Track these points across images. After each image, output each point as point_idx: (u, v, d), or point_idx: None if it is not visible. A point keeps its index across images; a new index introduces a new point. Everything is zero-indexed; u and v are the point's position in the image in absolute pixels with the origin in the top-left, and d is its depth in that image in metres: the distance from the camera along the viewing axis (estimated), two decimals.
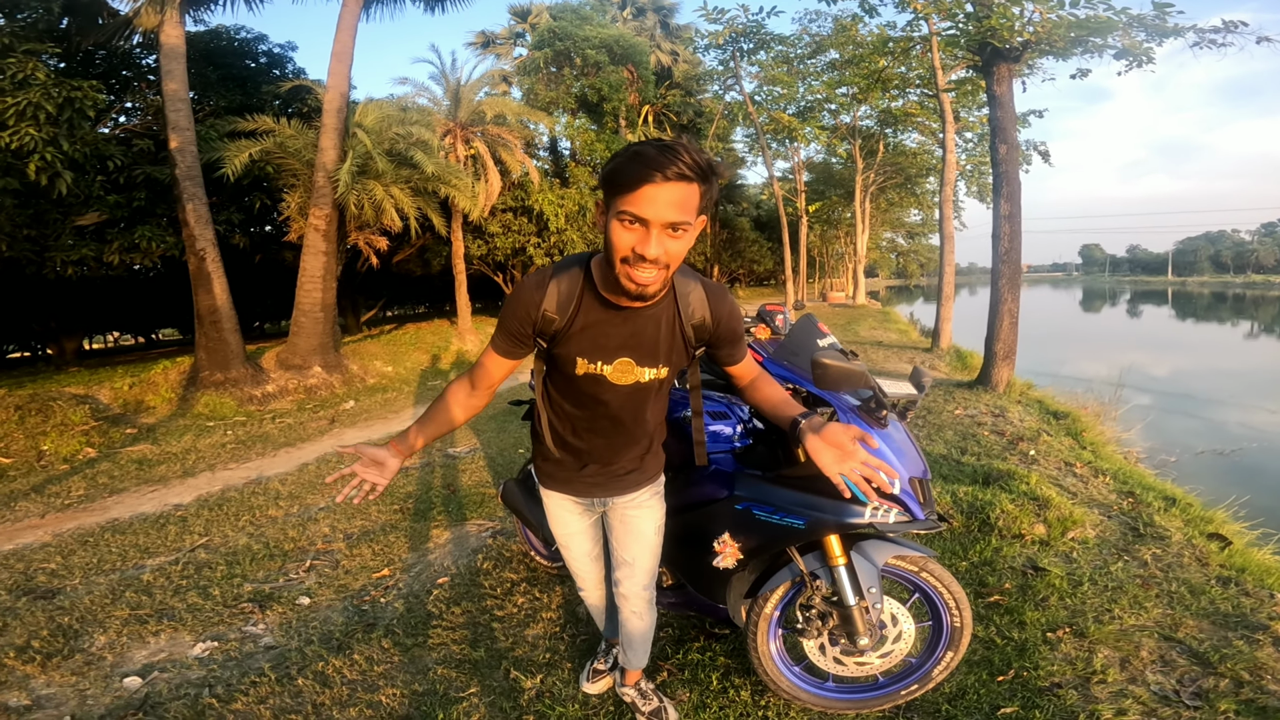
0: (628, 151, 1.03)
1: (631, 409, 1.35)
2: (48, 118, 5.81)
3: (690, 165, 0.99)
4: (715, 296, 1.29)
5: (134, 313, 15.76)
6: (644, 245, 1.03)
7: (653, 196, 0.99)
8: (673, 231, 1.04)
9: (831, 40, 14.71)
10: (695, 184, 1.02)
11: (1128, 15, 6.17)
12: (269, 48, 12.29)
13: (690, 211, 1.03)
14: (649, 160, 0.98)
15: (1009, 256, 6.62)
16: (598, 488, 1.48)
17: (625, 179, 1.01)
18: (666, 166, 0.98)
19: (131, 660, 2.25)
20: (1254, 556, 2.77)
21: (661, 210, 1.00)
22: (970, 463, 3.91)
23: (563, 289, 1.19)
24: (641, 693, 1.78)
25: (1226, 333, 25.36)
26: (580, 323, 1.21)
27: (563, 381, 1.32)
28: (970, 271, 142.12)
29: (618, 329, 1.21)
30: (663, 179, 0.98)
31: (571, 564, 1.65)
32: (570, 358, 1.24)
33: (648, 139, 1.07)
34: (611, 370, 1.25)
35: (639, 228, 1.03)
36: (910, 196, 26.55)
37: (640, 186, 0.99)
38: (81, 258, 8.05)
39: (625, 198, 1.01)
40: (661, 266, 1.06)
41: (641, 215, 1.01)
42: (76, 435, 5.78)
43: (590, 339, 1.21)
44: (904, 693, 1.72)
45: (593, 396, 1.31)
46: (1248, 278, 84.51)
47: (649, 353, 1.25)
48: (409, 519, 3.59)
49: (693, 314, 1.25)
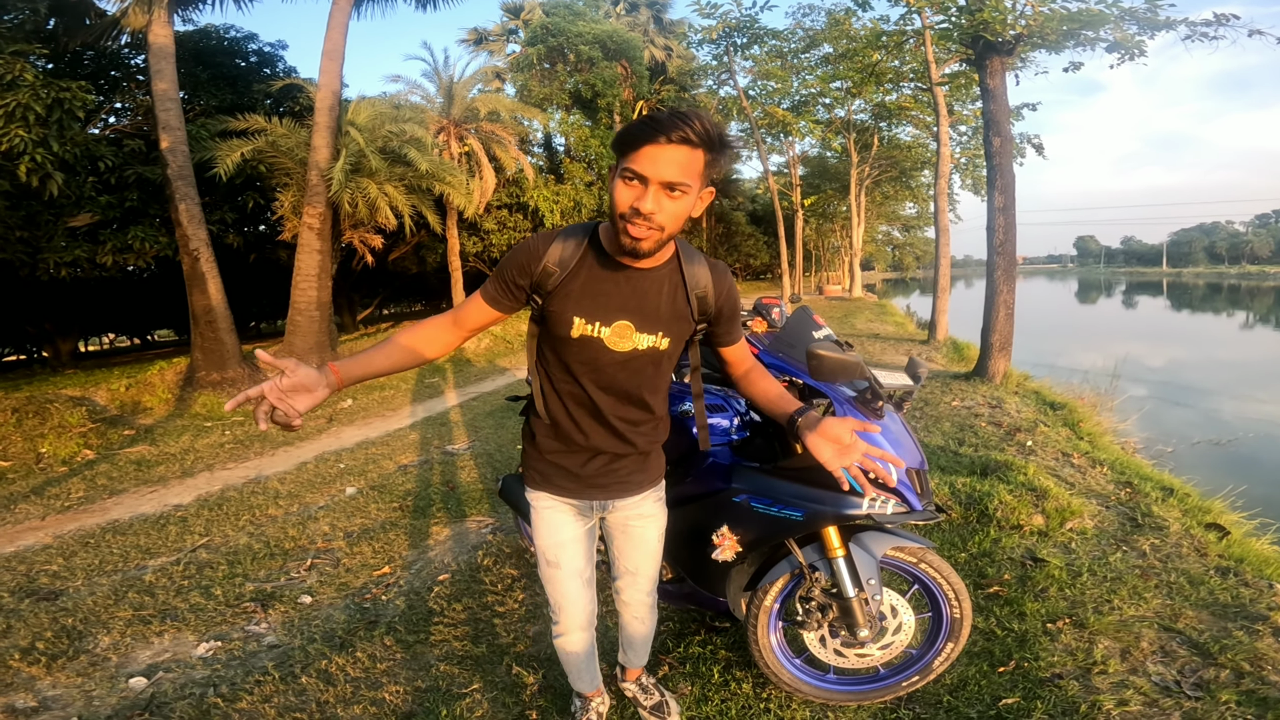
0: (642, 117, 1.06)
1: (630, 381, 1.27)
2: (37, 119, 5.76)
3: (696, 131, 1.01)
4: (718, 272, 1.31)
5: (129, 314, 15.68)
6: (641, 201, 1.05)
7: (654, 155, 1.02)
8: (670, 191, 1.05)
9: (825, 34, 14.67)
10: (699, 150, 1.03)
11: (1119, 8, 6.19)
12: (259, 47, 12.22)
13: (691, 175, 1.04)
14: (657, 123, 1.01)
15: (1004, 248, 6.64)
16: (600, 489, 1.36)
17: (632, 138, 1.04)
18: (672, 130, 1.01)
19: (136, 661, 2.25)
20: (1252, 546, 2.79)
21: (661, 169, 1.03)
22: (968, 454, 3.92)
23: (568, 245, 1.20)
24: (643, 687, 1.78)
25: (1222, 323, 25.48)
26: (581, 278, 1.20)
27: (558, 348, 1.26)
28: (966, 264, 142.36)
29: (618, 288, 1.20)
30: (666, 140, 1.01)
31: (558, 588, 1.41)
32: (566, 316, 1.20)
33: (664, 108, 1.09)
34: (610, 333, 1.21)
35: (638, 185, 1.05)
36: (905, 190, 26.53)
37: (643, 146, 1.02)
38: (75, 259, 8.01)
39: (629, 156, 1.04)
40: (657, 226, 1.07)
41: (641, 172, 1.03)
42: (74, 437, 5.76)
43: (589, 297, 1.19)
44: (905, 684, 1.73)
45: (590, 364, 1.24)
46: (1242, 268, 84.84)
47: (649, 317, 1.22)
48: (409, 516, 3.59)
49: (697, 283, 1.25)
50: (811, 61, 16.56)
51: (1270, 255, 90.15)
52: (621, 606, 1.58)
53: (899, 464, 1.47)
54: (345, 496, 4.03)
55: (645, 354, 1.25)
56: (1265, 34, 6.71)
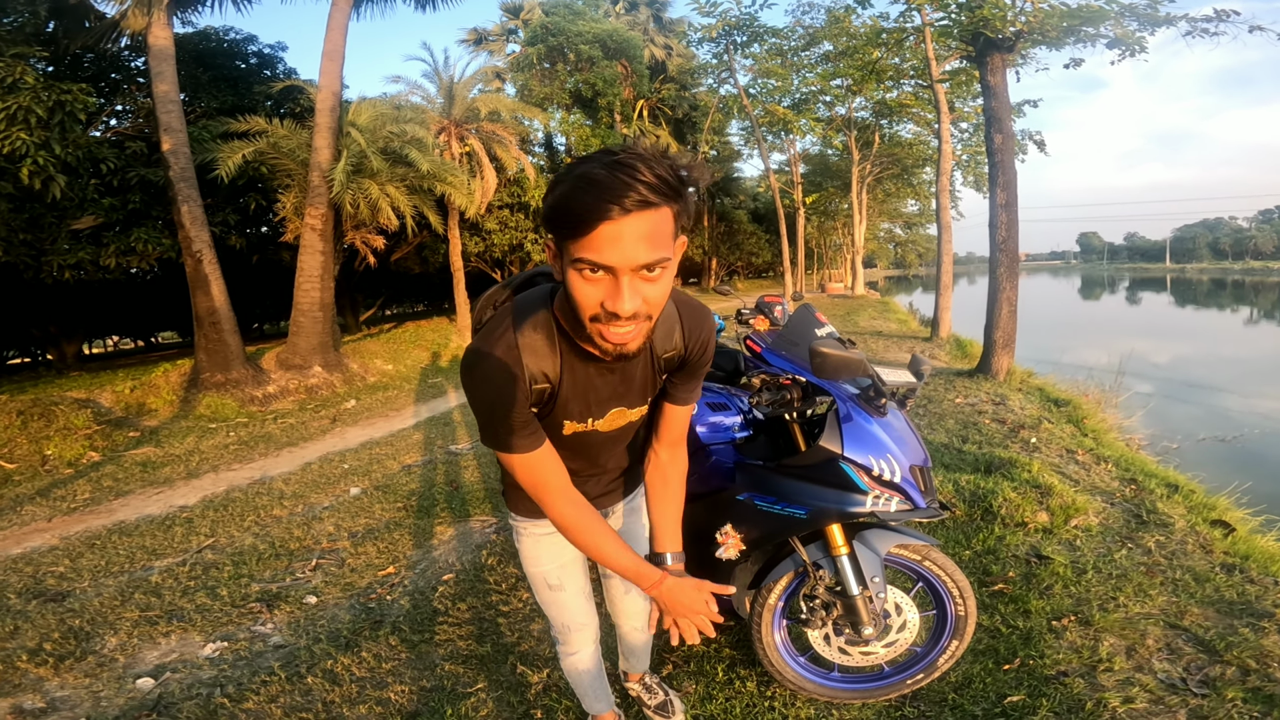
0: (571, 174, 0.79)
1: (620, 442, 1.22)
2: (38, 121, 5.77)
3: (654, 185, 0.76)
4: (696, 317, 1.09)
5: (133, 316, 15.73)
6: (615, 300, 0.81)
7: (615, 236, 0.76)
8: (648, 274, 0.81)
9: (825, 32, 14.63)
10: (664, 206, 0.79)
11: (1119, 4, 6.18)
12: (259, 48, 12.23)
13: (664, 243, 0.80)
14: (602, 188, 0.75)
15: (1006, 245, 6.62)
16: (598, 499, 1.31)
17: (575, 217, 0.77)
18: (624, 194, 0.75)
19: (143, 661, 2.26)
20: (1258, 543, 2.77)
21: (629, 251, 0.78)
22: (972, 451, 3.91)
23: (539, 348, 0.98)
24: (647, 686, 1.78)
25: (1226, 319, 25.37)
26: (567, 383, 1.02)
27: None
28: (968, 261, 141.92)
29: (606, 381, 1.05)
30: (622, 212, 0.75)
31: (565, 610, 1.36)
32: (557, 422, 1.07)
33: (594, 152, 0.82)
34: (603, 422, 1.11)
35: (604, 277, 0.81)
36: (907, 187, 26.45)
37: (597, 225, 0.76)
38: (78, 261, 8.03)
39: (580, 242, 0.78)
40: (642, 319, 0.84)
41: (603, 262, 0.78)
42: (80, 439, 5.79)
43: (578, 400, 1.05)
44: (910, 682, 1.73)
45: (579, 446, 1.15)
46: (1246, 264, 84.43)
47: (639, 394, 1.12)
48: (412, 516, 3.60)
49: (665, 346, 1.08)
50: (812, 59, 16.52)
51: (1274, 250, 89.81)
52: (621, 618, 1.56)
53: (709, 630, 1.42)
54: (350, 497, 4.05)
55: (635, 423, 1.18)
56: (1266, 29, 6.70)
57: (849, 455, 1.52)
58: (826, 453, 1.54)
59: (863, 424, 1.54)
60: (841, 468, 1.53)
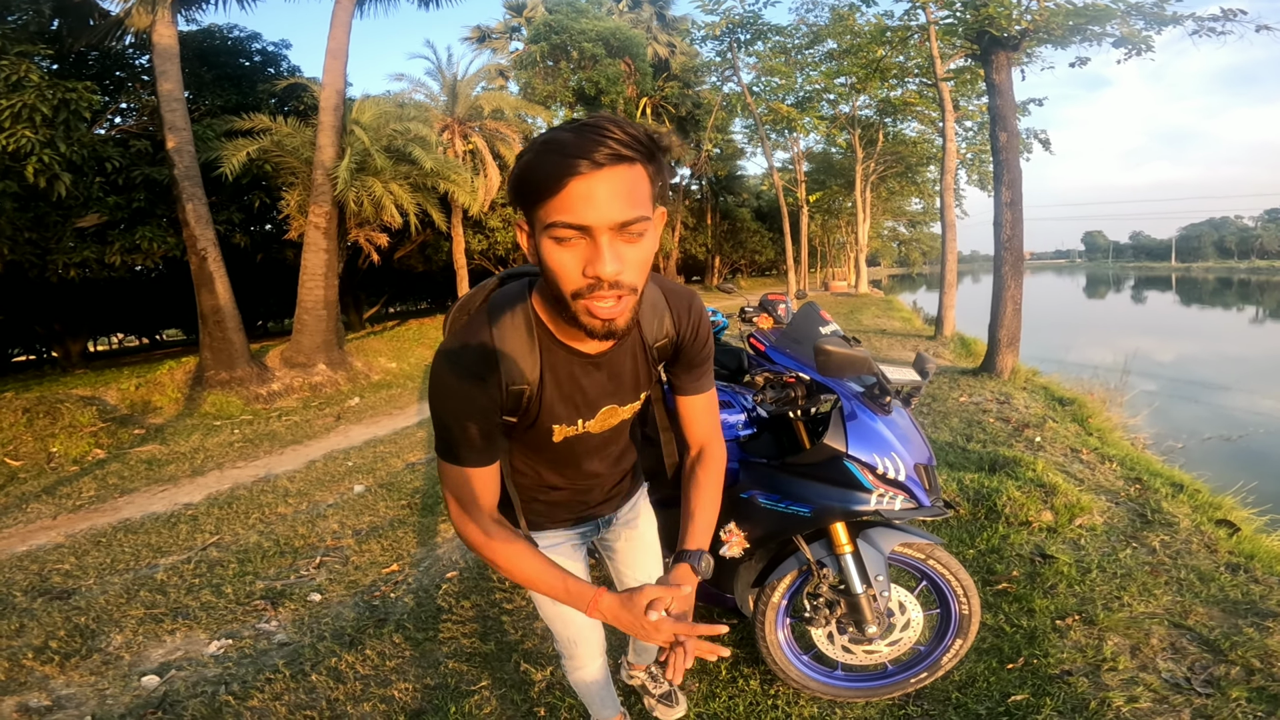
0: (536, 144, 0.74)
1: (614, 441, 1.17)
2: (43, 120, 5.79)
3: (624, 140, 0.71)
4: (680, 301, 1.02)
5: (137, 314, 15.79)
6: (596, 263, 0.74)
7: (586, 193, 0.71)
8: (627, 233, 0.74)
9: (829, 30, 14.56)
10: (638, 164, 0.74)
11: (1126, 3, 6.15)
12: (263, 46, 12.24)
13: (643, 201, 0.75)
14: (567, 146, 0.70)
15: (1011, 244, 6.59)
16: (601, 505, 1.26)
17: (542, 179, 0.72)
18: (594, 149, 0.70)
19: (149, 659, 2.27)
20: (1263, 543, 2.76)
21: (603, 208, 0.72)
22: (976, 450, 3.90)
23: (517, 345, 0.90)
24: (652, 676, 1.79)
25: (1232, 318, 25.24)
26: (549, 383, 0.93)
27: (535, 448, 1.07)
28: (973, 259, 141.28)
29: (593, 379, 0.96)
30: (592, 166, 0.70)
31: (570, 625, 1.29)
32: (544, 426, 0.98)
33: (562, 123, 0.77)
34: (595, 423, 1.03)
35: (580, 240, 0.74)
36: (911, 185, 26.39)
37: (566, 183, 0.71)
38: (83, 260, 8.06)
39: (549, 205, 0.73)
40: (627, 289, 0.77)
41: (579, 222, 0.72)
42: (85, 437, 5.82)
43: (564, 401, 0.96)
44: (913, 680, 1.73)
45: (572, 455, 1.09)
46: (1252, 263, 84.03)
47: (628, 390, 1.03)
48: (416, 514, 3.61)
49: (655, 334, 1.01)
50: (815, 57, 16.45)
51: None
52: None
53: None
54: (354, 494, 4.06)
55: (628, 420, 1.11)
56: (1273, 29, 6.65)
57: (853, 453, 1.52)
58: (831, 451, 1.54)
59: (867, 422, 1.54)
60: (846, 466, 1.53)
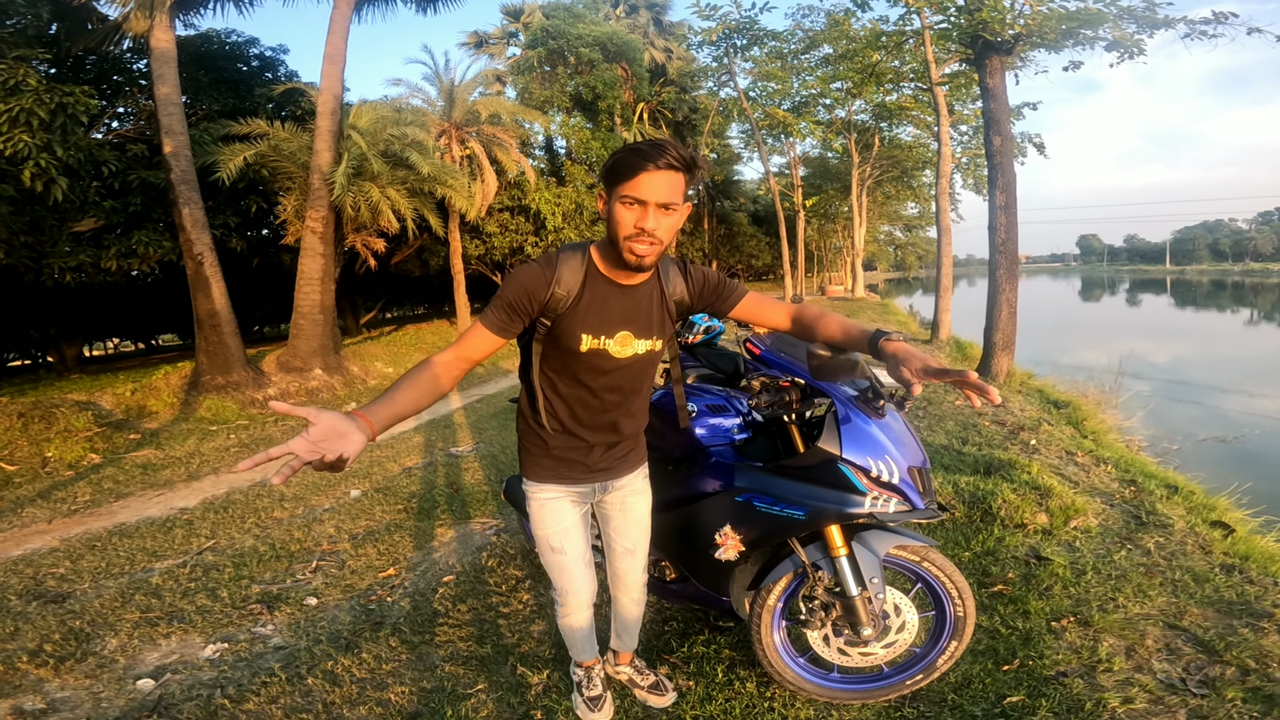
0: (626, 149, 1.23)
1: (630, 381, 1.44)
2: (40, 124, 5.77)
3: (677, 157, 1.20)
4: (685, 268, 1.45)
5: (133, 318, 15.76)
6: (643, 221, 1.21)
7: (649, 181, 1.19)
8: (665, 210, 1.22)
9: (824, 35, 14.68)
10: (680, 172, 1.22)
11: (1117, 7, 6.20)
12: (261, 51, 12.26)
13: (678, 194, 1.23)
14: (644, 154, 1.20)
15: (1005, 247, 6.64)
16: (603, 472, 1.52)
17: (625, 169, 1.21)
18: (658, 158, 1.19)
19: (144, 662, 2.26)
20: (1258, 544, 2.78)
21: (656, 192, 1.20)
22: (971, 453, 3.92)
23: (570, 270, 1.32)
24: (637, 668, 1.86)
25: (1226, 320, 25.37)
26: (586, 299, 1.33)
27: (564, 361, 1.38)
28: (968, 263, 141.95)
29: (618, 303, 1.35)
30: (655, 168, 1.19)
31: (565, 573, 1.55)
32: (575, 334, 1.33)
33: (642, 139, 1.18)
34: (614, 343, 1.36)
35: (638, 208, 1.22)
36: (907, 189, 26.50)
37: (638, 174, 1.19)
38: (79, 264, 8.04)
39: (626, 184, 1.21)
40: (657, 241, 1.23)
41: (640, 197, 1.20)
42: (80, 441, 5.79)
43: (595, 314, 1.33)
44: (909, 682, 1.73)
45: (595, 371, 1.38)
46: (1246, 266, 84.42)
47: (644, 325, 1.38)
48: (413, 518, 3.60)
49: (674, 289, 1.42)
50: (811, 62, 16.57)
51: (1273, 252, 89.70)
52: (621, 590, 1.68)
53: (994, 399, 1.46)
54: (350, 499, 4.05)
55: (644, 357, 1.41)
56: (1264, 31, 6.71)
57: (847, 456, 1.53)
58: (825, 454, 1.55)
59: (861, 425, 1.55)
60: (840, 469, 1.54)
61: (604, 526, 1.65)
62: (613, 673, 1.89)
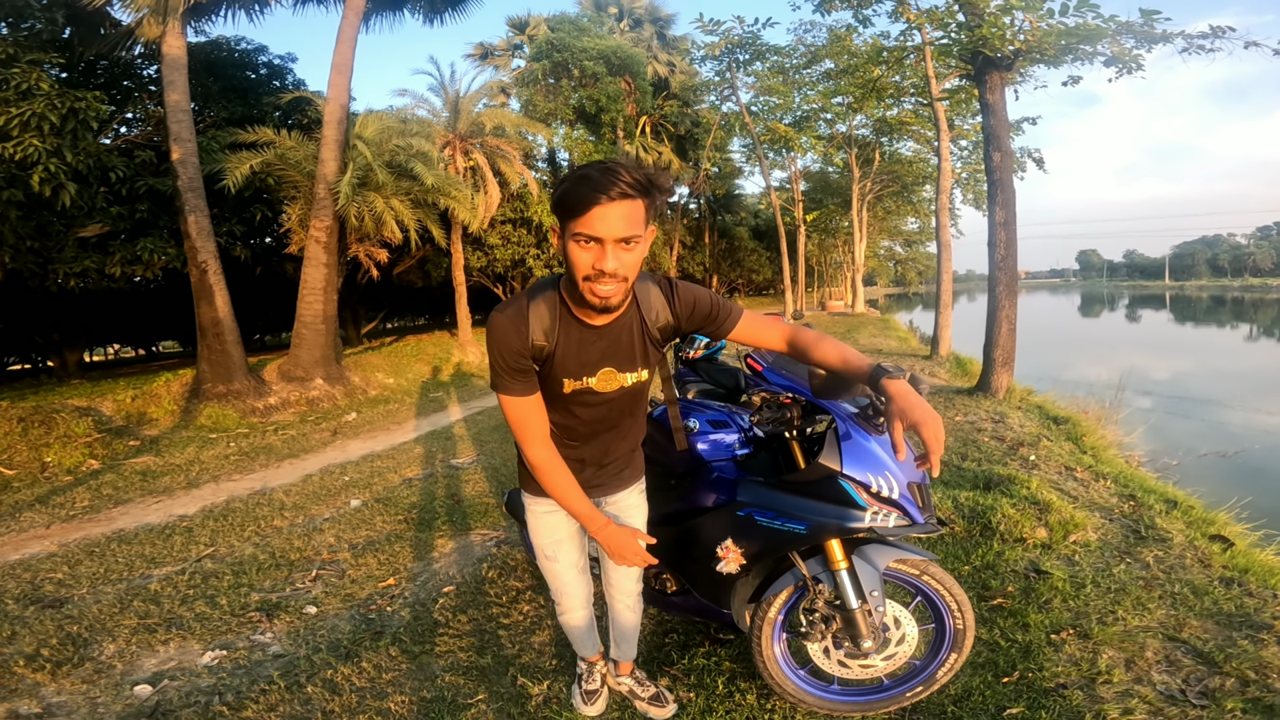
0: (573, 176, 1.10)
1: (619, 409, 1.44)
2: (51, 129, 5.83)
3: (631, 183, 1.07)
4: (669, 291, 1.35)
5: (135, 325, 15.78)
6: (601, 261, 1.10)
7: (602, 216, 1.07)
8: (625, 245, 1.11)
9: (826, 50, 14.86)
10: (639, 199, 1.09)
11: (1116, 23, 6.24)
12: (269, 59, 12.40)
13: (638, 225, 1.11)
14: (594, 183, 1.06)
15: (1005, 263, 6.67)
16: (596, 488, 1.53)
17: (575, 202, 1.08)
18: (610, 187, 1.05)
19: (141, 669, 2.26)
20: (1257, 557, 2.78)
21: (613, 227, 1.08)
22: (971, 468, 3.92)
23: (543, 315, 1.25)
24: (638, 680, 1.87)
25: (1226, 336, 25.42)
26: (562, 345, 1.28)
27: (551, 399, 1.37)
28: (968, 279, 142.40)
29: (595, 345, 1.29)
30: (608, 199, 1.06)
31: (558, 578, 1.63)
32: (557, 378, 1.31)
33: (590, 163, 1.14)
34: (596, 381, 1.34)
35: (594, 246, 1.10)
36: (907, 204, 26.68)
37: (590, 209, 1.06)
38: (84, 270, 8.08)
39: (578, 220, 1.09)
40: (620, 279, 1.13)
41: (595, 234, 1.08)
42: (80, 447, 5.80)
43: (574, 358, 1.29)
44: (909, 694, 1.73)
45: (583, 405, 1.39)
46: (1245, 281, 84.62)
47: (627, 359, 1.34)
48: (413, 529, 3.60)
49: (656, 317, 1.34)
50: (813, 77, 16.74)
51: (1272, 267, 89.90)
52: (616, 597, 1.72)
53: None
54: (350, 509, 4.05)
55: (630, 389, 1.40)
56: (1261, 45, 6.73)
57: (848, 472, 1.54)
58: (826, 470, 1.56)
59: (861, 442, 1.57)
60: (841, 484, 1.55)
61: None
62: (613, 684, 1.89)
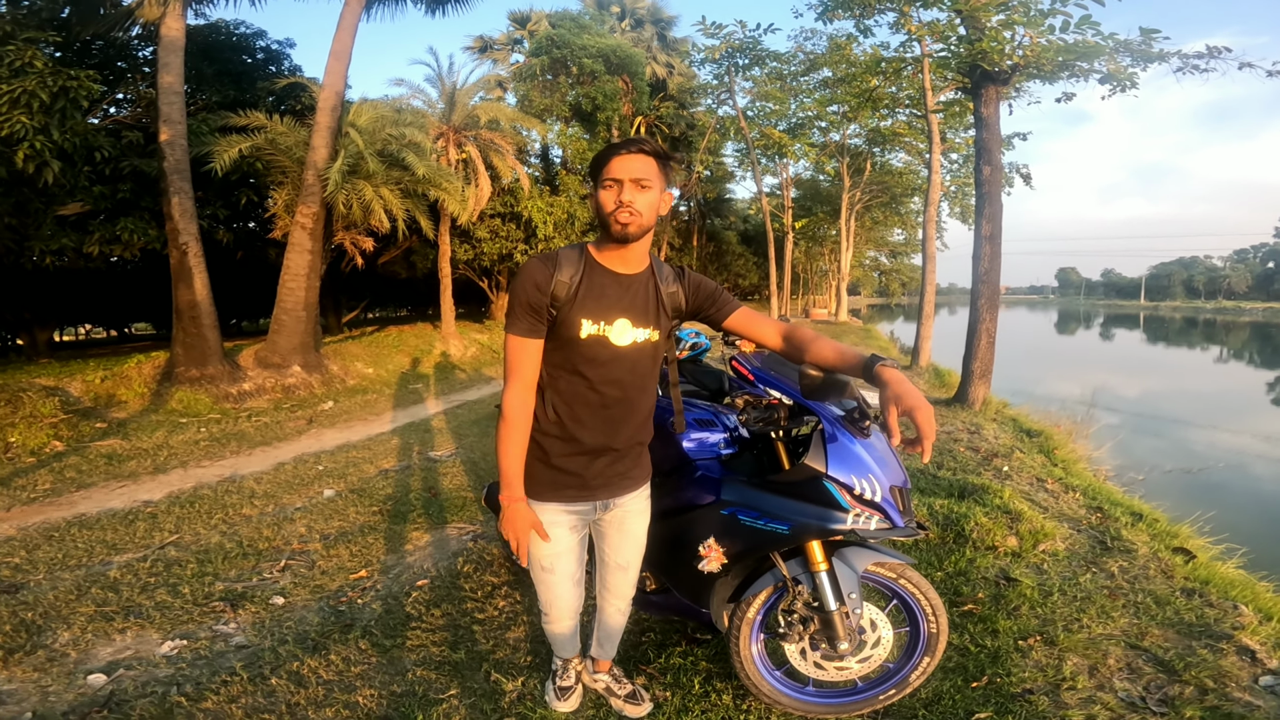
0: (606, 146, 1.42)
1: (629, 374, 1.47)
2: (41, 106, 5.66)
3: (646, 145, 1.37)
4: (679, 272, 1.56)
5: (109, 305, 15.36)
6: (620, 194, 1.35)
7: (621, 163, 1.35)
8: (639, 186, 1.35)
9: (825, 58, 14.97)
10: (651, 158, 1.36)
11: (1115, 41, 6.29)
12: (267, 44, 12.17)
13: (651, 174, 1.36)
14: (618, 144, 1.37)
15: (988, 277, 6.78)
16: (605, 488, 1.53)
17: (603, 159, 1.38)
18: (630, 145, 1.36)
19: (96, 657, 2.19)
20: (1218, 570, 2.85)
21: (629, 169, 1.35)
22: (946, 477, 3.98)
23: (570, 262, 1.44)
24: (615, 678, 1.87)
25: (1196, 357, 26.14)
26: (585, 287, 1.42)
27: (565, 353, 1.44)
28: (950, 291, 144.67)
29: (615, 291, 1.44)
30: (627, 152, 1.35)
31: (551, 590, 1.61)
32: (575, 320, 1.41)
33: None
34: (613, 330, 1.43)
35: (615, 186, 1.36)
36: (895, 216, 27.04)
37: (612, 159, 1.36)
38: (61, 248, 7.86)
39: (604, 169, 1.37)
40: (637, 213, 1.35)
41: (615, 177, 1.35)
42: (45, 428, 5.62)
43: (594, 300, 1.42)
44: (882, 698, 1.74)
45: (594, 361, 1.43)
46: (1218, 303, 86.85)
47: (640, 313, 1.45)
48: (388, 521, 3.54)
49: (668, 285, 1.52)
50: (810, 84, 16.88)
51: (1246, 291, 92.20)
52: (608, 600, 1.70)
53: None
54: (323, 499, 3.98)
55: (642, 346, 1.46)
56: (1255, 66, 6.81)
57: (832, 474, 1.55)
58: (811, 471, 1.56)
59: (847, 444, 1.57)
60: (825, 486, 1.56)
61: (599, 541, 1.67)
62: (590, 681, 1.88)
